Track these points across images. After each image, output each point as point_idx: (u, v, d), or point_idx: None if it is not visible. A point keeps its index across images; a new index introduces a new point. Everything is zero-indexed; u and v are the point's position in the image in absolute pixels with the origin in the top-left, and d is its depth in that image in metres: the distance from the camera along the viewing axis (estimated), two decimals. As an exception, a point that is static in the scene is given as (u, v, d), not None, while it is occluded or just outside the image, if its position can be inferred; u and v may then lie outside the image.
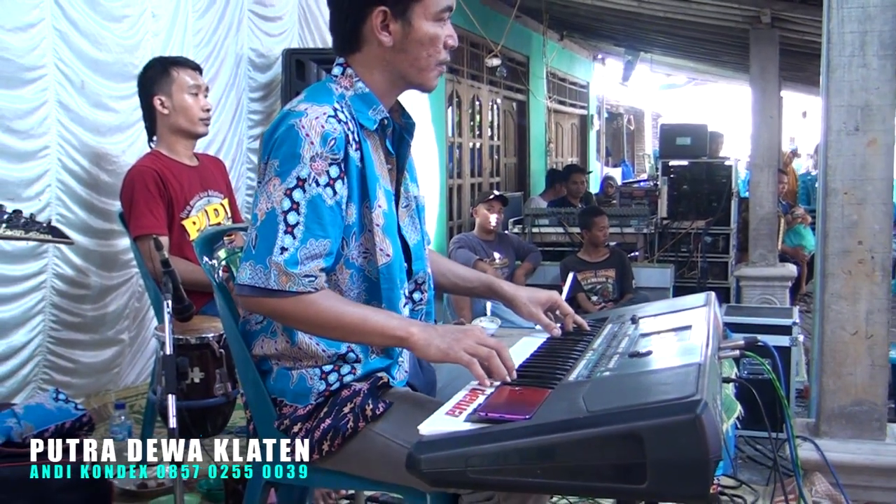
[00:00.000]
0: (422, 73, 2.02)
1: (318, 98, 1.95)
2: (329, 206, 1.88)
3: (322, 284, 1.88)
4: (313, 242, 1.86)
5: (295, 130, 1.87)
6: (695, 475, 1.33)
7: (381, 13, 1.95)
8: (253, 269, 1.85)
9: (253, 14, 5.54)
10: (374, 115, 2.01)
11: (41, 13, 3.87)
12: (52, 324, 4.05)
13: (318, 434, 1.94)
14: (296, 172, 1.86)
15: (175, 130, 3.65)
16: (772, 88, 8.12)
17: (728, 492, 3.49)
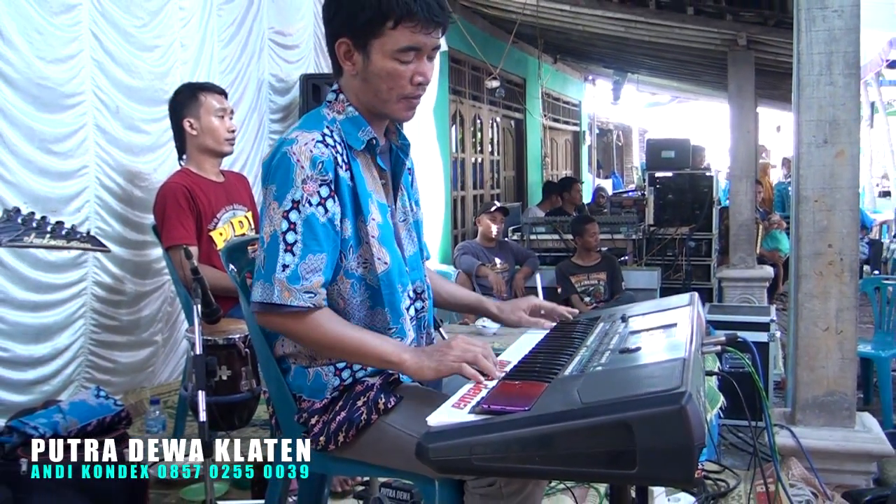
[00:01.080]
0: (385, 105, 1.98)
1: (309, 125, 1.96)
2: (322, 223, 1.88)
3: (321, 302, 1.88)
4: (311, 258, 1.86)
5: (287, 157, 1.87)
6: (680, 461, 1.33)
7: (343, 44, 1.94)
8: (262, 287, 1.86)
9: (273, 43, 5.55)
10: (363, 136, 2.00)
11: (80, 45, 3.89)
12: (92, 327, 4.06)
13: (334, 426, 1.94)
14: (290, 195, 1.86)
15: (203, 150, 3.65)
16: (748, 105, 8.13)
17: (712, 476, 3.48)
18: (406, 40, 1.89)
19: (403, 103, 1.98)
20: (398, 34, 1.88)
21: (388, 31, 1.88)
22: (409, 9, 1.85)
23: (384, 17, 1.86)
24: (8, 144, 3.54)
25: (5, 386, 3.59)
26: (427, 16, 1.87)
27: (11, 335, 3.62)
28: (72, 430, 2.91)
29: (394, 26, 1.87)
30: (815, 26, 3.56)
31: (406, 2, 1.85)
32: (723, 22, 7.30)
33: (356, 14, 1.88)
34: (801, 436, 3.45)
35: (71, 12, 3.83)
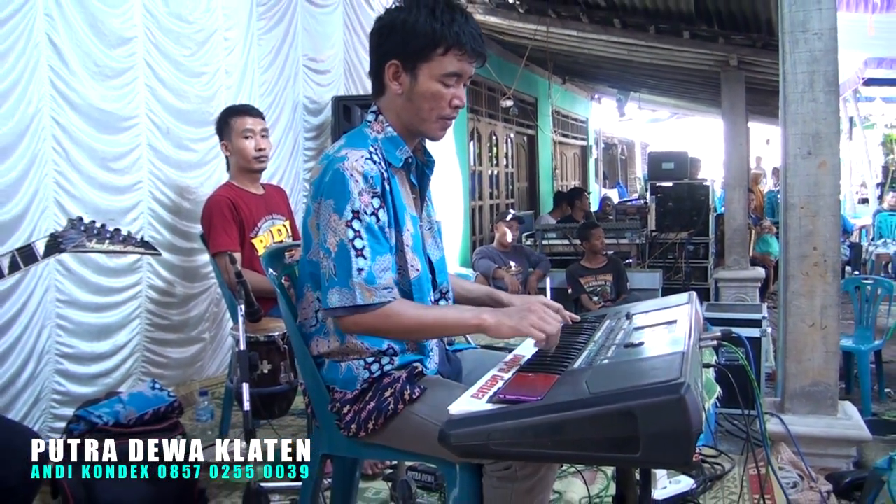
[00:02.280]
0: (424, 123, 2.00)
1: (356, 144, 1.96)
2: (378, 229, 1.88)
3: (397, 294, 1.88)
4: (380, 259, 1.86)
5: (341, 173, 1.87)
6: (680, 445, 1.32)
7: (392, 66, 1.96)
8: (340, 292, 1.85)
9: (307, 68, 5.57)
10: (401, 155, 2.01)
11: (135, 73, 3.92)
12: (147, 326, 4.08)
13: (364, 415, 1.94)
14: (350, 206, 1.86)
15: (238, 167, 3.68)
16: (740, 120, 8.06)
17: (709, 460, 3.45)
18: (452, 66, 1.93)
19: (440, 123, 2.01)
20: (446, 60, 1.92)
21: (438, 57, 1.92)
22: (459, 39, 1.91)
23: (436, 44, 1.91)
24: (73, 162, 3.57)
25: (72, 379, 3.62)
26: (473, 47, 1.94)
27: (77, 333, 3.65)
28: (131, 419, 2.93)
29: (443, 53, 1.92)
30: (797, 48, 3.54)
31: (457, 33, 1.91)
32: (716, 45, 7.27)
33: (410, 40, 1.91)
34: (790, 423, 3.42)
35: (127, 45, 3.87)
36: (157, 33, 4.05)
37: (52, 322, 3.52)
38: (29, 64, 3.34)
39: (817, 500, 3.12)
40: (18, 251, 1.91)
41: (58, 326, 3.56)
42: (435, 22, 1.90)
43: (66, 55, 3.52)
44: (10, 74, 3.24)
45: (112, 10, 3.77)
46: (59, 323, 3.57)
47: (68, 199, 3.54)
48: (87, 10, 3.63)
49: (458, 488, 1.86)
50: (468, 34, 1.93)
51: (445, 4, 1.95)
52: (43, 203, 3.43)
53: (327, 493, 2.42)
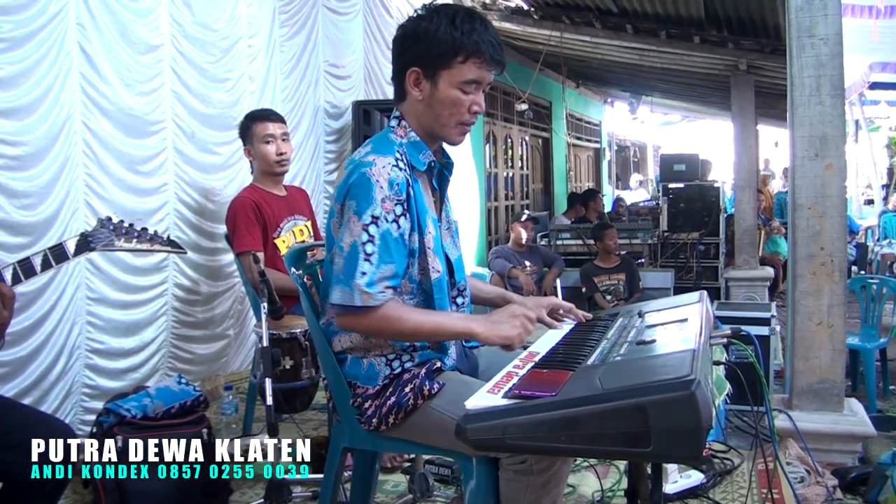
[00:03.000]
0: (443, 129, 2.01)
1: (383, 150, 1.96)
2: (395, 237, 1.89)
3: (390, 296, 1.89)
4: (384, 267, 1.87)
5: (367, 177, 1.88)
6: (690, 440, 1.32)
7: (413, 72, 1.97)
8: (342, 290, 1.87)
9: (327, 74, 5.59)
10: (424, 159, 2.02)
11: (162, 79, 3.95)
12: (173, 323, 4.11)
13: (384, 409, 1.95)
14: (370, 211, 1.87)
15: (261, 171, 3.70)
16: (749, 123, 8.02)
17: (719, 455, 3.44)
18: (472, 74, 1.94)
19: (459, 129, 2.02)
20: (465, 68, 1.94)
21: (458, 65, 1.93)
22: (479, 48, 1.92)
23: (456, 52, 1.92)
24: (102, 165, 3.60)
25: (101, 374, 3.65)
26: (492, 55, 1.95)
27: (106, 330, 3.68)
28: (158, 412, 2.95)
29: (463, 61, 1.93)
30: (804, 53, 3.53)
31: (476, 41, 1.92)
32: (725, 49, 7.24)
33: (431, 48, 1.93)
34: (797, 419, 3.40)
35: (155, 52, 3.90)
36: (184, 41, 4.08)
37: (82, 319, 3.56)
38: (61, 71, 3.37)
39: (824, 494, 3.11)
40: (50, 250, 1.93)
41: (88, 323, 3.59)
42: (455, 31, 1.92)
43: (97, 62, 3.55)
44: (42, 81, 3.27)
45: (140, 19, 3.80)
46: (89, 320, 3.60)
47: (98, 200, 3.58)
48: (117, 18, 3.66)
49: (475, 481, 1.87)
50: (487, 42, 1.94)
51: (465, 14, 1.97)
52: (74, 204, 3.47)
53: (347, 486, 2.43)
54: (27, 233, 3.22)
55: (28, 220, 3.22)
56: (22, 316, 3.20)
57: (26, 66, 3.20)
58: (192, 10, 4.13)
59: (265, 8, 4.79)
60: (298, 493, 3.03)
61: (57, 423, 2.16)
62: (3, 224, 3.13)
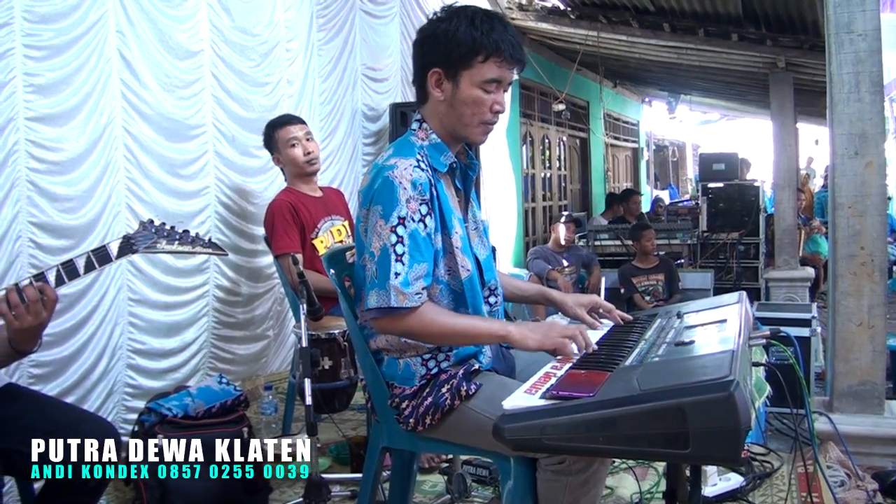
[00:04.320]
0: (466, 128, 2.02)
1: (404, 153, 1.98)
2: (423, 236, 1.91)
3: (426, 298, 1.91)
4: (416, 266, 1.89)
5: (390, 180, 1.90)
6: (729, 442, 1.31)
7: (435, 73, 1.99)
8: (377, 294, 1.89)
9: (365, 77, 5.61)
10: (445, 161, 2.04)
11: (202, 84, 4.00)
12: (214, 324, 4.15)
13: (422, 409, 1.96)
14: (396, 213, 1.89)
15: (293, 175, 3.75)
16: (789, 122, 7.92)
17: (759, 458, 3.40)
18: (492, 73, 1.96)
19: (481, 128, 2.03)
20: (486, 67, 1.95)
21: (478, 65, 1.95)
22: (498, 47, 1.94)
23: (476, 52, 1.94)
24: (144, 169, 3.65)
25: (143, 373, 3.70)
26: (511, 54, 1.96)
27: (147, 330, 3.72)
28: (199, 412, 2.99)
29: (483, 60, 1.95)
30: (843, 49, 3.47)
31: (496, 41, 1.93)
32: (764, 47, 7.16)
33: (451, 49, 1.95)
34: (838, 422, 3.35)
35: (195, 57, 3.95)
36: (223, 46, 4.12)
37: (124, 320, 3.60)
38: (101, 77, 3.42)
39: (864, 498, 3.06)
40: (93, 252, 1.96)
41: (130, 324, 3.64)
42: (475, 31, 1.94)
43: (137, 68, 3.60)
44: (83, 88, 3.32)
45: (180, 26, 3.85)
46: (131, 320, 3.64)
47: (139, 203, 3.62)
48: (157, 25, 3.71)
49: (513, 481, 1.87)
50: (507, 42, 1.96)
51: (484, 14, 1.99)
52: (115, 208, 3.51)
53: (386, 486, 2.44)
54: (69, 236, 3.27)
55: (70, 223, 3.27)
56: (65, 316, 3.25)
57: (67, 73, 3.25)
58: (231, 15, 4.18)
59: (303, 12, 4.83)
60: (337, 493, 3.06)
61: (100, 422, 2.19)
62: (46, 227, 3.18)
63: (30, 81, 3.09)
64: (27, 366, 3.05)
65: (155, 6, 3.70)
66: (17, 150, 3.05)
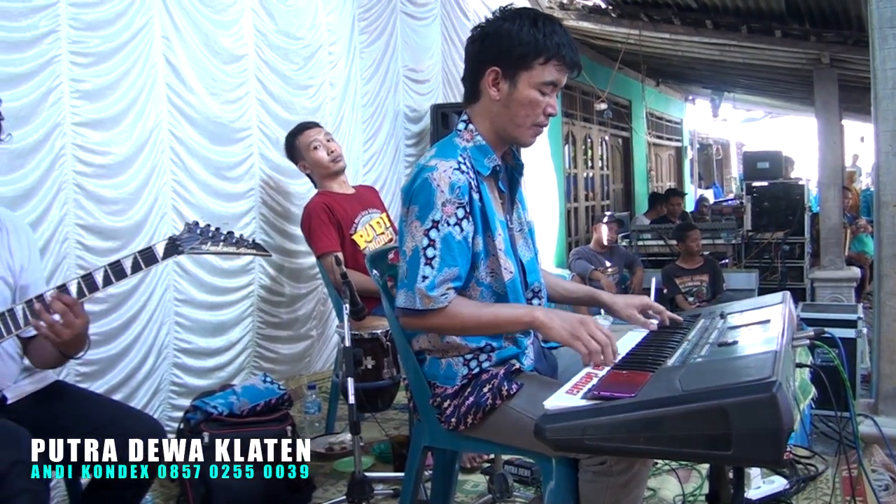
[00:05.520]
0: (518, 129, 2.02)
1: (446, 154, 1.99)
2: (458, 240, 1.91)
3: (453, 296, 1.92)
4: (447, 270, 1.90)
5: (428, 182, 1.91)
6: (771, 443, 1.30)
7: (493, 72, 1.99)
8: (405, 294, 1.92)
9: (407, 78, 5.64)
10: (489, 163, 2.04)
11: (247, 88, 4.05)
12: (258, 324, 4.20)
13: (463, 409, 1.97)
14: (431, 216, 1.90)
15: (322, 177, 3.81)
16: (833, 119, 7.77)
17: (803, 461, 3.35)
18: (551, 76, 1.97)
19: (533, 130, 2.04)
20: (546, 70, 1.96)
21: (538, 66, 1.95)
22: (559, 51, 1.95)
23: (538, 53, 1.94)
24: (190, 172, 3.72)
25: (189, 372, 3.76)
26: (571, 58, 1.97)
27: (193, 330, 3.78)
28: (244, 410, 3.03)
29: (544, 62, 1.95)
30: (886, 44, 3.41)
31: (558, 44, 1.94)
32: (807, 42, 7.06)
33: (513, 48, 1.95)
34: (883, 425, 3.28)
35: (239, 61, 4.01)
36: (267, 50, 4.17)
37: (170, 319, 3.66)
38: (147, 82, 3.48)
39: (908, 502, 3.01)
40: (140, 253, 1.99)
41: (176, 323, 3.69)
42: (538, 33, 1.94)
43: (183, 73, 3.66)
44: (129, 93, 3.38)
45: (224, 31, 3.91)
46: (177, 320, 3.70)
47: (185, 205, 3.68)
48: (202, 30, 3.77)
49: (555, 482, 1.87)
50: (566, 45, 1.96)
51: (545, 17, 1.99)
52: (162, 210, 3.57)
53: (428, 485, 2.45)
54: (116, 237, 3.32)
55: (117, 225, 3.33)
56: (112, 316, 3.32)
57: (113, 79, 3.31)
58: (274, 19, 4.23)
59: (345, 16, 4.87)
60: (380, 491, 3.08)
61: (146, 419, 2.23)
62: (93, 229, 3.24)
63: (76, 87, 3.15)
64: (74, 364, 3.09)
65: (200, 12, 3.76)
66: (65, 154, 3.12)
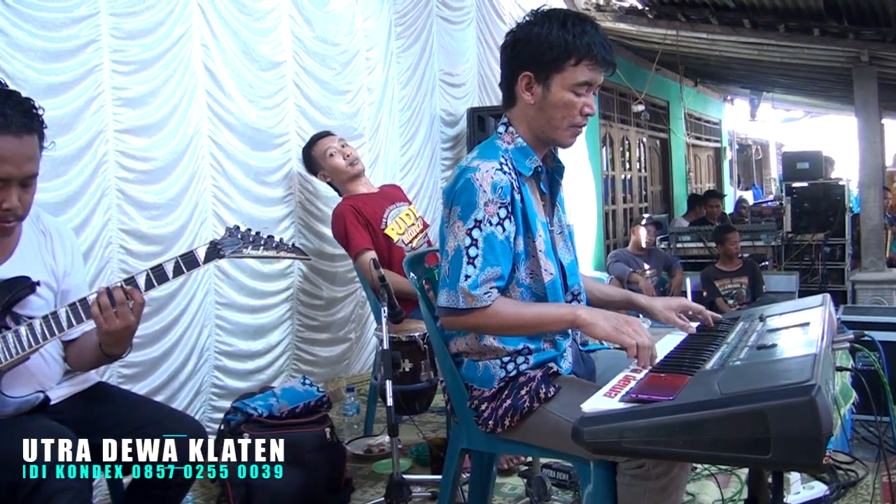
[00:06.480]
0: (555, 132, 2.02)
1: (488, 155, 2.00)
2: (500, 240, 1.92)
3: (496, 296, 1.93)
4: (489, 270, 1.90)
5: (471, 182, 1.93)
6: (810, 448, 1.29)
7: (525, 77, 2.00)
8: (447, 294, 1.92)
9: (443, 82, 5.65)
10: (530, 164, 2.04)
11: (285, 94, 4.10)
12: (298, 327, 4.24)
13: (501, 412, 1.98)
14: (474, 216, 1.91)
15: (343, 182, 3.86)
16: (874, 118, 7.62)
17: (843, 466, 3.29)
18: (584, 76, 1.96)
19: (571, 131, 2.04)
20: (578, 71, 1.95)
21: (570, 68, 1.95)
22: (591, 50, 1.94)
23: (568, 55, 1.94)
24: (230, 177, 3.77)
25: (229, 374, 3.81)
26: (603, 56, 1.96)
27: (234, 333, 3.83)
28: (283, 412, 3.05)
29: (575, 63, 1.95)
30: (927, 42, 3.34)
31: (588, 44, 1.93)
32: (846, 41, 6.94)
33: (544, 52, 1.95)
34: (924, 430, 3.22)
35: (278, 68, 4.05)
36: (305, 56, 4.21)
37: (211, 322, 3.71)
38: (187, 90, 3.53)
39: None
40: (182, 257, 2.02)
41: (216, 326, 3.74)
42: (567, 34, 1.93)
43: (222, 80, 3.71)
44: (170, 100, 3.44)
45: (263, 38, 3.95)
46: (218, 323, 3.75)
47: (225, 210, 3.73)
48: (240, 38, 3.82)
49: (593, 485, 1.87)
50: (598, 44, 1.95)
51: (576, 17, 1.98)
52: (202, 215, 3.62)
53: (465, 487, 2.46)
54: (158, 242, 3.38)
55: (158, 230, 3.39)
56: (154, 319, 3.37)
57: (154, 86, 3.36)
58: (312, 26, 4.27)
59: (382, 21, 4.90)
60: (418, 493, 3.09)
61: (188, 420, 2.25)
62: (135, 234, 3.30)
63: (118, 95, 3.21)
64: (117, 366, 3.16)
65: (238, 20, 3.81)
66: (107, 160, 3.18)
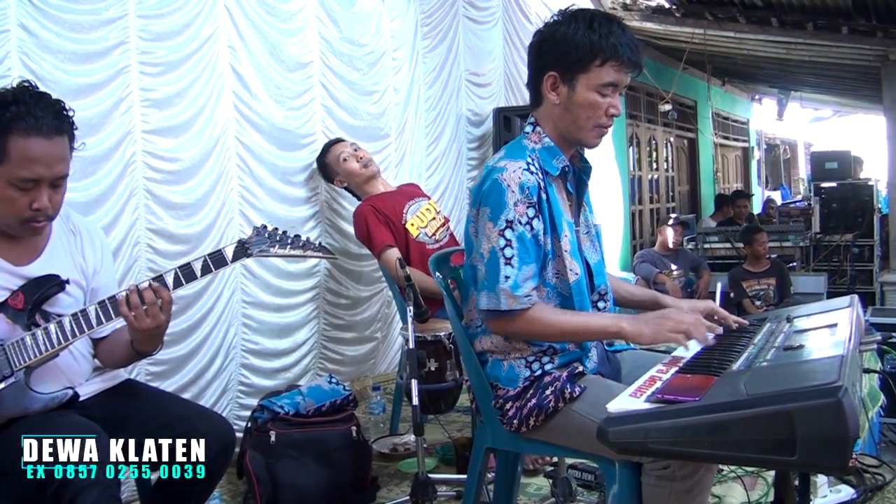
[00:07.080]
0: (581, 132, 2.03)
1: (515, 155, 2.01)
2: (530, 238, 1.93)
3: (536, 299, 1.94)
4: (525, 268, 1.91)
5: (499, 182, 1.93)
6: (837, 450, 1.28)
7: (551, 77, 2.00)
8: (488, 296, 1.93)
9: (469, 82, 5.65)
10: (557, 164, 2.04)
11: (312, 94, 4.12)
12: (324, 326, 4.26)
13: (525, 411, 1.98)
14: (504, 216, 1.92)
15: (359, 185, 3.90)
16: (903, 117, 7.54)
17: (871, 470, 3.26)
18: (609, 77, 1.96)
19: (596, 131, 2.04)
20: (603, 71, 1.96)
21: (595, 68, 1.95)
22: (616, 51, 1.94)
23: (594, 56, 1.94)
24: (256, 178, 3.80)
25: (256, 372, 3.83)
26: (629, 57, 1.96)
27: (260, 331, 3.86)
28: (310, 410, 3.08)
29: (601, 64, 1.95)
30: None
31: (614, 44, 1.93)
32: (874, 39, 6.87)
33: (569, 52, 1.96)
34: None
35: (305, 69, 4.07)
36: (332, 57, 4.23)
37: (238, 321, 3.74)
38: (214, 91, 3.56)
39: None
40: (210, 256, 2.04)
41: (243, 325, 3.77)
42: (593, 34, 1.93)
43: (249, 81, 3.74)
44: (197, 101, 3.47)
45: (290, 39, 3.98)
46: (245, 322, 3.78)
47: (252, 210, 3.76)
48: (267, 39, 3.85)
49: (618, 486, 1.86)
50: (625, 45, 1.95)
51: (603, 17, 1.98)
52: (229, 215, 3.65)
53: (490, 487, 2.47)
54: (185, 241, 3.42)
55: (185, 230, 3.43)
56: (182, 317, 3.40)
57: (181, 88, 3.40)
58: (339, 27, 4.29)
59: (408, 21, 4.91)
60: (443, 493, 3.10)
61: (215, 417, 2.27)
62: (163, 233, 3.34)
63: (146, 96, 3.25)
64: (144, 363, 3.19)
65: (265, 21, 3.84)
66: (135, 161, 3.22)
